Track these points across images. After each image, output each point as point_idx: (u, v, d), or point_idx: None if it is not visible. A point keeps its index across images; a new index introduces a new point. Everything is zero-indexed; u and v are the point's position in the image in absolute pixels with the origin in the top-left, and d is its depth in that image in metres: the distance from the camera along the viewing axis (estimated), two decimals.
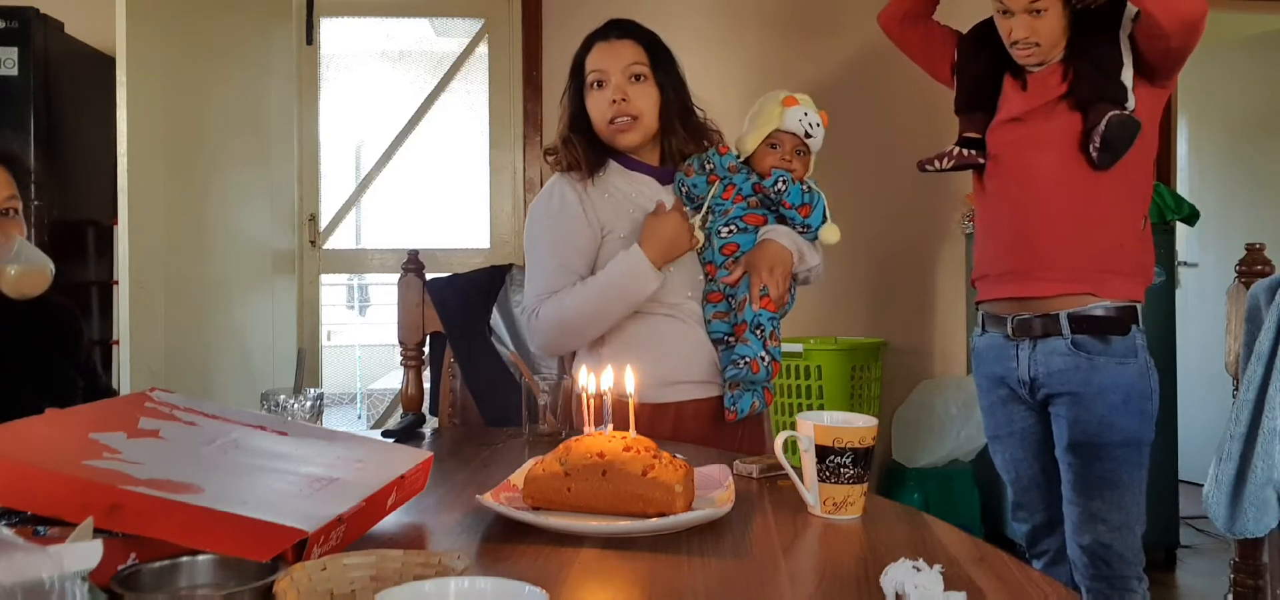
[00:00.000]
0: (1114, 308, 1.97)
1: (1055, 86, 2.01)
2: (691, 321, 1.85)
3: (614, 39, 1.86)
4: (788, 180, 1.82)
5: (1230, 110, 4.76)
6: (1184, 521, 3.66)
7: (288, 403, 1.47)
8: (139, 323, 2.78)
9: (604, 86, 1.84)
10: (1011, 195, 2.05)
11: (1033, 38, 1.96)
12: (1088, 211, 1.97)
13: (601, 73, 1.84)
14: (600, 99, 1.84)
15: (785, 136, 1.85)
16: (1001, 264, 2.06)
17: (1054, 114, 2.00)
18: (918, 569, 0.87)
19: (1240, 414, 1.41)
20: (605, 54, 1.85)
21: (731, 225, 1.84)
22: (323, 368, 4.11)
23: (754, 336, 1.76)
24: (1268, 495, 1.39)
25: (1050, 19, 1.95)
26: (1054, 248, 1.98)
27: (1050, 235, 1.98)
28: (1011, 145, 2.05)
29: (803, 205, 1.82)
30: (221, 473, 1.02)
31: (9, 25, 2.93)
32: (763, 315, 1.77)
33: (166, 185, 2.94)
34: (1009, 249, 2.04)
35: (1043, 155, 2.01)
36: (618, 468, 1.13)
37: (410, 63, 4.34)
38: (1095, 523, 1.97)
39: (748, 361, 1.75)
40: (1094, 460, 1.96)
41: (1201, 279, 4.57)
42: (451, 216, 4.17)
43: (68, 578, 0.63)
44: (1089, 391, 1.96)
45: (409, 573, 0.83)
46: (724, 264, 1.83)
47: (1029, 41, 1.97)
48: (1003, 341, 2.07)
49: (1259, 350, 1.40)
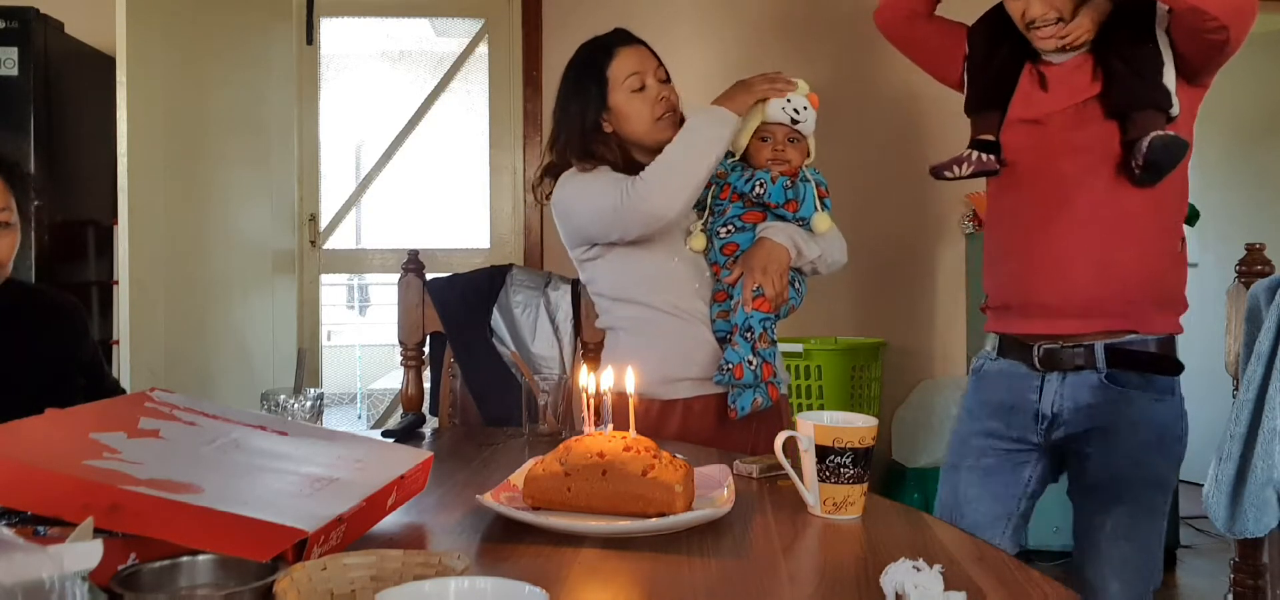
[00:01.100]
0: (1156, 342, 1.77)
1: (1084, 86, 1.76)
2: (695, 320, 1.86)
3: (636, 45, 1.88)
4: (767, 182, 1.82)
5: (1230, 110, 4.76)
6: (1184, 521, 3.66)
7: (288, 403, 1.47)
8: (139, 323, 2.78)
9: (645, 89, 1.85)
10: (1035, 212, 1.79)
11: (1052, 12, 1.71)
12: (1125, 236, 1.73)
13: (640, 74, 1.85)
14: (644, 99, 1.84)
15: (774, 127, 1.85)
16: (1025, 294, 1.80)
17: (1084, 119, 1.75)
18: (918, 569, 0.87)
19: (1240, 414, 1.41)
20: (637, 58, 1.86)
21: (729, 225, 1.84)
22: (323, 368, 4.11)
23: (743, 340, 1.77)
24: (1268, 495, 1.39)
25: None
26: (1088, 280, 1.74)
27: (1084, 265, 1.74)
28: (1032, 152, 1.80)
29: (787, 202, 1.82)
30: (222, 473, 1.02)
31: (9, 25, 2.93)
32: (753, 317, 1.77)
33: (166, 185, 2.94)
34: (1034, 278, 1.78)
35: (1071, 166, 1.75)
36: (618, 468, 1.13)
37: (410, 63, 4.34)
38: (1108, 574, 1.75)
39: (731, 367, 1.77)
40: (1115, 502, 1.75)
41: (1201, 279, 4.56)
42: (451, 216, 4.17)
43: (68, 578, 0.63)
44: (1121, 426, 1.74)
45: (409, 573, 0.83)
46: (726, 263, 1.83)
47: (1048, 18, 1.71)
48: (1026, 372, 1.81)
49: (1259, 350, 1.40)
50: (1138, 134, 1.69)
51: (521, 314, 2.08)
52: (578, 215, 1.85)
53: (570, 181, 1.85)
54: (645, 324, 1.86)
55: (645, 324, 1.86)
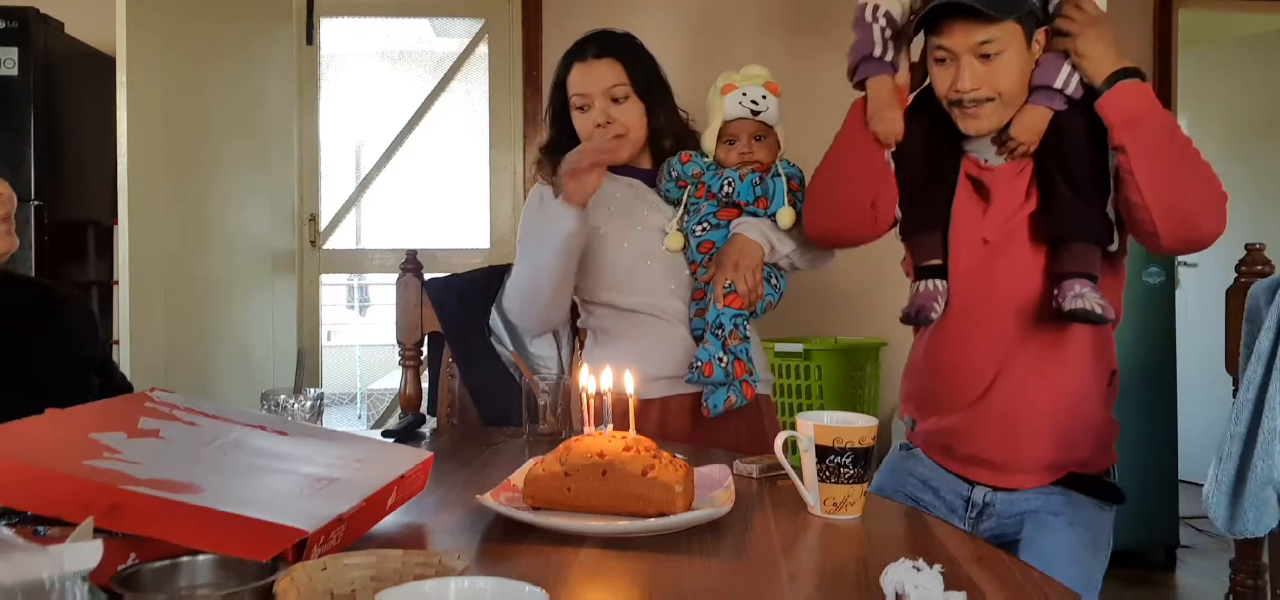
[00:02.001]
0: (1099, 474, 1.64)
1: (1020, 199, 1.56)
2: (673, 319, 1.87)
3: (592, 59, 1.86)
4: (735, 181, 1.82)
5: (1230, 110, 4.76)
6: (1184, 521, 3.66)
7: (288, 403, 1.47)
8: (139, 323, 2.78)
9: (587, 109, 1.85)
10: (979, 357, 1.60)
11: (985, 89, 1.48)
12: (1072, 388, 1.59)
13: (584, 97, 1.85)
14: (585, 121, 1.86)
15: (736, 126, 1.84)
16: (968, 448, 1.64)
17: (1018, 236, 1.57)
18: (918, 569, 0.87)
19: (1240, 414, 1.41)
20: (586, 76, 1.85)
21: (704, 223, 1.84)
22: (323, 368, 4.11)
23: (713, 338, 1.77)
24: (1268, 495, 1.39)
25: (1007, 63, 1.47)
26: (1039, 442, 1.59)
27: (1033, 426, 1.58)
28: (975, 279, 1.59)
29: (757, 199, 1.82)
30: (221, 473, 1.02)
31: (9, 25, 2.93)
32: (725, 315, 1.77)
33: (166, 185, 2.94)
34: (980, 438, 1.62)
35: (1015, 300, 1.57)
36: (618, 468, 1.13)
37: (410, 63, 4.34)
38: None
39: (700, 365, 1.76)
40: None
41: (1201, 279, 4.57)
42: (452, 216, 4.17)
43: (68, 578, 0.63)
44: (1057, 520, 1.58)
45: (409, 573, 0.83)
46: (703, 261, 1.83)
47: (979, 95, 1.48)
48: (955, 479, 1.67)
49: (1259, 350, 1.40)
50: (1069, 271, 1.51)
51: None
52: None
53: (522, 221, 1.93)
54: (619, 325, 1.88)
55: (619, 325, 1.88)
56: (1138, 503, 3.47)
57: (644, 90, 1.87)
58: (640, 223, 1.88)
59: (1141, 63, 3.97)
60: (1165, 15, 4.03)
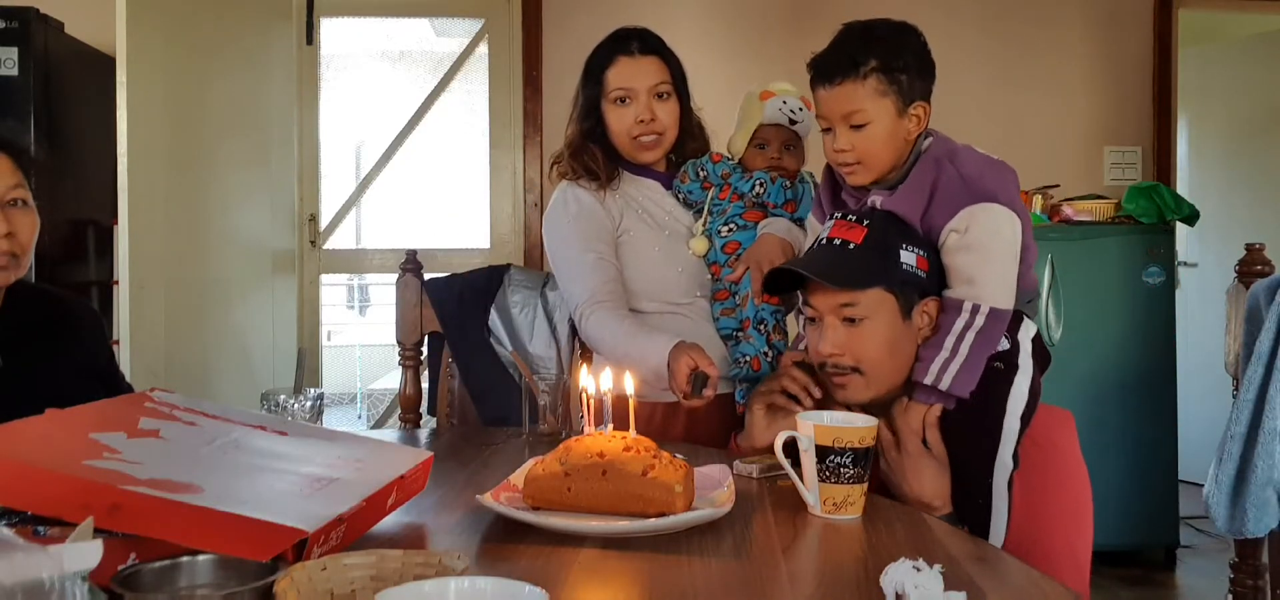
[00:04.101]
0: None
1: None
2: (700, 318, 1.86)
3: (638, 55, 1.86)
4: (767, 183, 1.82)
5: (1230, 110, 4.76)
6: (1184, 521, 3.66)
7: (288, 403, 1.47)
8: (139, 323, 2.77)
9: (629, 103, 1.84)
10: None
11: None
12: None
13: (628, 90, 1.84)
14: (625, 115, 1.85)
15: (770, 131, 1.85)
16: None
17: None
18: (918, 569, 0.87)
19: (1240, 414, 1.41)
20: (631, 71, 1.85)
21: (730, 224, 1.85)
22: (323, 368, 4.11)
23: (757, 333, 1.77)
24: (1268, 495, 1.39)
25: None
26: None
27: None
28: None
29: (786, 202, 1.83)
30: (221, 473, 1.02)
31: (9, 25, 2.93)
32: (764, 310, 1.77)
33: (166, 185, 2.94)
34: None
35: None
36: (618, 468, 1.13)
37: (410, 63, 4.34)
38: None
39: (748, 359, 1.76)
40: None
41: (1201, 279, 4.57)
42: (452, 216, 4.17)
43: (68, 578, 0.63)
44: None
45: (409, 573, 0.83)
46: (727, 262, 1.83)
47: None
48: None
49: (1259, 350, 1.40)
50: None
51: (519, 314, 2.08)
52: (555, 268, 1.91)
53: (556, 228, 1.88)
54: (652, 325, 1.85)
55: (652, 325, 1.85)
56: (1138, 503, 3.49)
57: (682, 91, 1.89)
58: (665, 227, 1.88)
59: (1141, 63, 4.03)
60: (1165, 15, 4.03)
